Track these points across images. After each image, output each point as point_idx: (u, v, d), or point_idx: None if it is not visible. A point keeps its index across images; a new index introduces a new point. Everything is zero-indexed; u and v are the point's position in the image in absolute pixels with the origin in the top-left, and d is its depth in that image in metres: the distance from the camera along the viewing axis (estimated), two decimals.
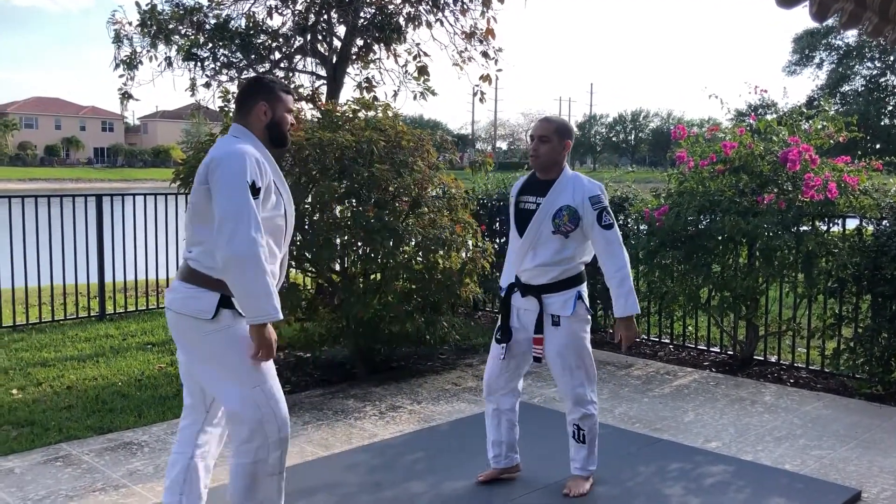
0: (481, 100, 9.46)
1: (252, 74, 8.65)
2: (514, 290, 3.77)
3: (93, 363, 6.09)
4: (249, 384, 2.89)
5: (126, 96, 8.85)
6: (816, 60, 47.39)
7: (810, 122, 6.46)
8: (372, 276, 5.77)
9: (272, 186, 2.91)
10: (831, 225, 5.85)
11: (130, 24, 8.52)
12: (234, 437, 2.96)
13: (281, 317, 2.80)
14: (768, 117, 6.56)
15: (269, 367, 2.97)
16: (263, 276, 2.74)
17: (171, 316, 2.98)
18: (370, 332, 5.54)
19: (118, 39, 8.54)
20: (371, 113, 6.01)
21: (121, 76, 8.65)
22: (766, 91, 7.02)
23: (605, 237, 3.58)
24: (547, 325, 3.66)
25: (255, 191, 2.80)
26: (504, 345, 3.79)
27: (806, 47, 46.80)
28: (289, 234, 3.07)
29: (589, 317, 3.75)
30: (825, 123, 6.30)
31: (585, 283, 3.74)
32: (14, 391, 5.35)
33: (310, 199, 5.45)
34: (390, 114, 6.02)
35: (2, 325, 7.19)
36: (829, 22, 2.47)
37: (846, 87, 45.93)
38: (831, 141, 6.18)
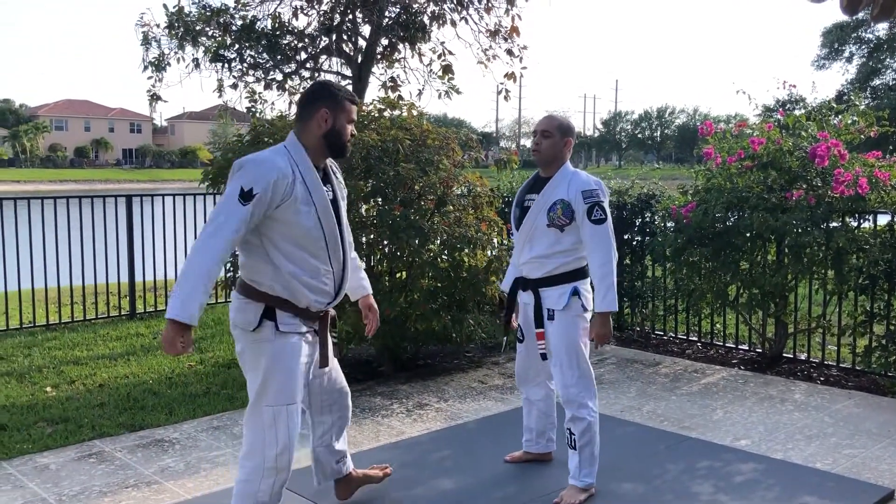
0: (506, 98, 9.47)
1: (278, 75, 8.72)
2: (519, 288, 3.85)
3: (124, 361, 6.18)
4: (264, 401, 2.90)
5: (154, 98, 8.97)
6: (846, 54, 46.71)
7: (840, 116, 6.38)
8: (398, 275, 5.79)
9: (297, 196, 2.83)
10: (862, 221, 5.78)
11: (158, 26, 8.63)
12: (242, 448, 3.00)
13: (180, 320, 2.67)
14: (797, 112, 6.49)
15: (297, 389, 2.94)
16: (192, 276, 2.69)
17: (231, 327, 3.02)
18: (397, 331, 5.56)
19: (146, 41, 8.66)
20: (396, 112, 6.03)
21: (149, 78, 8.77)
22: (794, 86, 6.95)
23: (593, 231, 3.53)
24: (544, 320, 3.68)
25: (247, 195, 2.74)
26: (523, 342, 3.92)
27: (835, 41, 46.15)
28: (332, 245, 2.98)
29: (587, 314, 3.66)
30: (855, 118, 6.22)
31: (588, 280, 3.69)
32: (48, 389, 5.44)
33: None
34: (415, 113, 6.04)
35: (35, 324, 7.32)
36: (860, 15, 2.44)
37: (877, 81, 45.23)
38: (861, 136, 6.10)
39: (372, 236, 5.45)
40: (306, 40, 8.72)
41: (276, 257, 2.88)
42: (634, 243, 7.19)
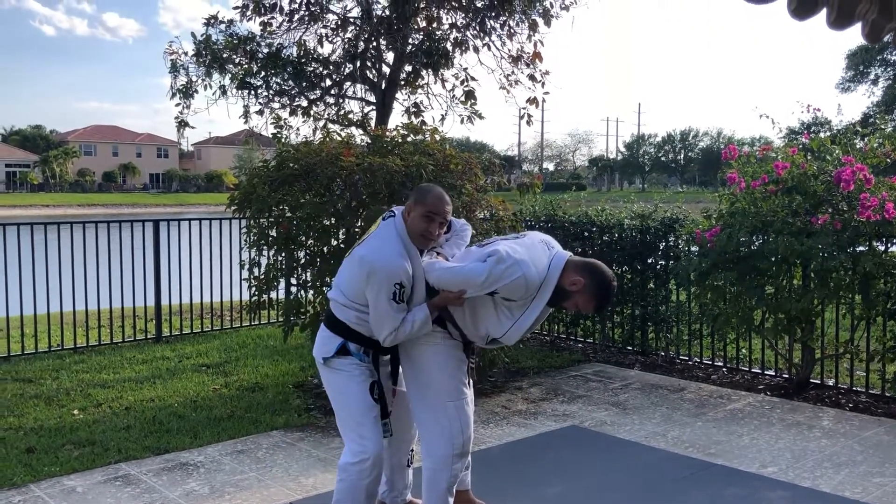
0: (528, 122, 9.50)
1: (304, 101, 8.84)
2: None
3: (150, 384, 6.24)
4: (445, 398, 3.37)
5: (182, 124, 9.09)
6: (871, 76, 46.45)
7: (866, 139, 6.34)
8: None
9: None
10: (890, 245, 5.72)
11: (186, 53, 8.78)
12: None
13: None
14: (822, 135, 6.46)
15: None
16: None
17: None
18: None
19: (174, 69, 8.80)
20: (419, 137, 6.08)
21: (177, 105, 8.90)
22: (819, 110, 6.92)
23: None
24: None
25: None
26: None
27: (860, 63, 45.93)
28: None
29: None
30: (881, 141, 6.18)
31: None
32: (75, 411, 5.50)
33: (360, 223, 5.53)
34: (438, 138, 6.08)
35: (63, 347, 7.41)
36: (885, 39, 2.45)
37: None
38: (888, 159, 6.05)
39: None
40: (331, 67, 8.83)
41: None
42: (658, 267, 7.16)
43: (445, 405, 3.29)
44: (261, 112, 8.84)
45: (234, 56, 8.61)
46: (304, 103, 8.91)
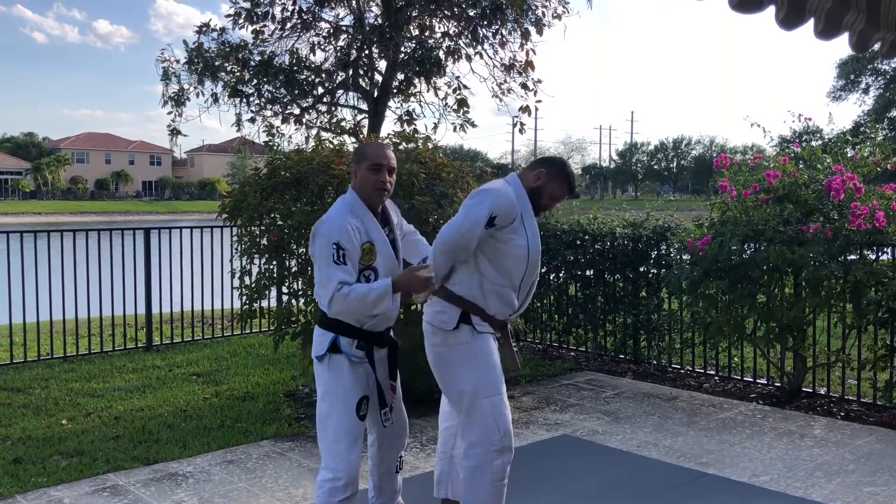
0: (521, 130, 9.52)
1: (296, 109, 8.84)
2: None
3: (139, 394, 6.20)
4: (479, 395, 3.35)
5: (174, 132, 9.09)
6: (863, 85, 46.71)
7: (856, 148, 6.36)
8: (412, 307, 5.78)
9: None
10: (880, 253, 5.73)
11: (178, 61, 8.78)
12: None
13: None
14: (813, 144, 6.48)
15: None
16: None
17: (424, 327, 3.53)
18: (411, 363, 5.54)
19: (166, 77, 8.80)
20: (411, 145, 6.08)
21: (169, 112, 8.90)
22: (810, 119, 6.93)
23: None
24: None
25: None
26: None
27: (851, 72, 46.20)
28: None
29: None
30: (872, 150, 6.20)
31: None
32: (64, 421, 5.46)
33: None
34: (430, 146, 6.08)
35: (53, 356, 7.36)
36: (875, 47, 2.45)
37: (894, 112, 45.13)
38: (878, 168, 6.07)
39: None
40: (323, 75, 8.84)
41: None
42: (650, 276, 7.15)
43: (480, 402, 3.31)
44: (253, 120, 8.85)
45: (226, 64, 8.62)
46: (297, 111, 8.92)
